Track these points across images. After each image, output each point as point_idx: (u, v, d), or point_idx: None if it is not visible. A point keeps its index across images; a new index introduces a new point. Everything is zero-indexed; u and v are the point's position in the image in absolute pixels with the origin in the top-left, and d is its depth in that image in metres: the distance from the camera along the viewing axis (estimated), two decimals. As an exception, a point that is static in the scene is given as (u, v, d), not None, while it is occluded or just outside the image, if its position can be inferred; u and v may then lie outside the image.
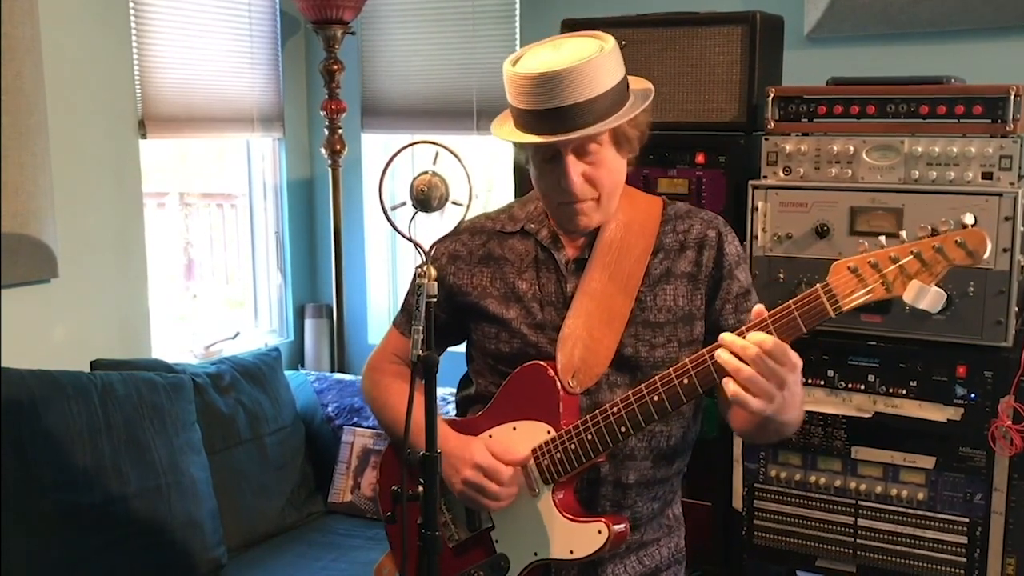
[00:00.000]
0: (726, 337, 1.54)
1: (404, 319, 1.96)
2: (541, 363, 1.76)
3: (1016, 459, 2.28)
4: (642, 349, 1.76)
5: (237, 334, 3.96)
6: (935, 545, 2.38)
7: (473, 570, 1.82)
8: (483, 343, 1.87)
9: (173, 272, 3.93)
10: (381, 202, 1.54)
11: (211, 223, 4.14)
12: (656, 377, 1.65)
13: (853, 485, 2.46)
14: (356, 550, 3.13)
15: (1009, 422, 2.26)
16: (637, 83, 1.76)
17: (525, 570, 1.78)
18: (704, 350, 1.61)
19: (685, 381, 1.62)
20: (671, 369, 1.64)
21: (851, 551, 2.47)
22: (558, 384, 1.74)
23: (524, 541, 1.78)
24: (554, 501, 1.75)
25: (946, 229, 1.49)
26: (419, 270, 1.54)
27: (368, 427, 3.46)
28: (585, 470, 1.74)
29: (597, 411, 1.70)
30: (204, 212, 4.13)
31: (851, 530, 2.47)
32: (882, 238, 1.54)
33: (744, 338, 1.52)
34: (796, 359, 1.53)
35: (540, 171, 1.74)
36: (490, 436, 1.81)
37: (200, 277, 4.09)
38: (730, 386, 1.52)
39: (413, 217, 1.54)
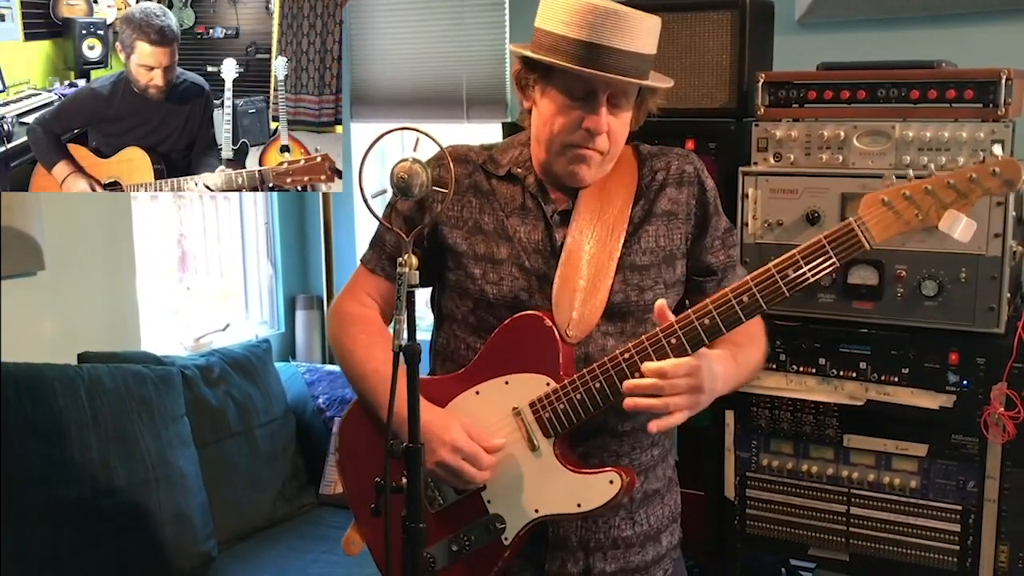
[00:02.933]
0: (628, 386, 1.60)
1: (373, 255, 1.89)
2: (536, 313, 1.70)
3: (1008, 446, 2.27)
4: (632, 294, 1.74)
5: (227, 326, 3.94)
6: (928, 533, 2.37)
7: (462, 533, 1.74)
8: (464, 284, 1.78)
9: (166, 264, 3.91)
10: (361, 190, 1.52)
11: (204, 215, 4.11)
12: (673, 321, 1.62)
13: (845, 473, 2.44)
14: (347, 542, 3.11)
15: (1001, 409, 2.25)
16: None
17: (524, 529, 1.72)
18: (728, 288, 1.61)
19: (707, 321, 1.60)
20: (690, 311, 1.62)
21: (844, 539, 2.46)
22: (556, 334, 1.69)
23: (522, 499, 1.71)
24: (557, 455, 1.69)
25: (976, 161, 1.53)
26: (402, 259, 1.52)
27: (359, 418, 3.44)
28: (588, 421, 1.69)
29: (607, 358, 1.65)
30: (197, 204, 4.10)
31: (844, 518, 2.45)
32: (910, 172, 1.57)
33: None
34: (688, 364, 1.59)
35: (562, 108, 1.67)
36: (477, 393, 1.74)
37: (193, 270, 4.06)
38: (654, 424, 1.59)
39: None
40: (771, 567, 2.85)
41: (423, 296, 1.91)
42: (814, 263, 1.57)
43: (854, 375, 2.42)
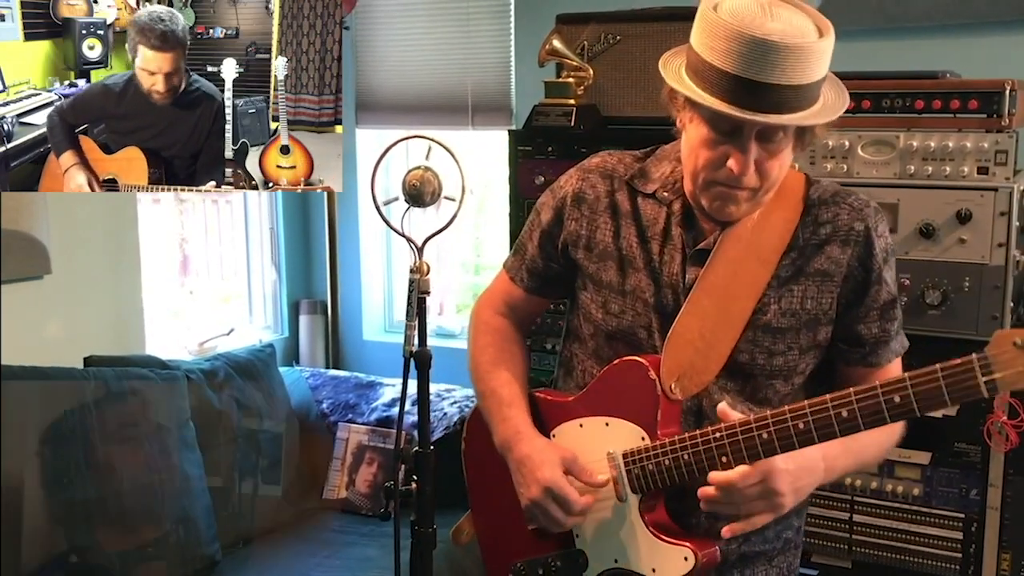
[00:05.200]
0: (715, 478, 1.48)
1: (516, 263, 1.80)
2: (642, 361, 1.60)
3: (1011, 454, 2.28)
4: (759, 357, 1.59)
5: (231, 330, 3.95)
6: (930, 540, 2.38)
7: (550, 558, 1.72)
8: (588, 307, 1.69)
9: (168, 268, 3.92)
10: (374, 197, 1.53)
11: (206, 218, 4.13)
12: (768, 413, 1.48)
13: (848, 481, 2.45)
14: (350, 546, 3.12)
15: (1004, 417, 2.26)
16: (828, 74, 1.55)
17: (605, 573, 1.67)
18: (828, 396, 1.44)
19: (800, 426, 1.44)
20: (786, 408, 1.47)
21: (847, 547, 2.47)
22: (658, 388, 1.59)
23: (605, 545, 1.67)
24: (641, 513, 1.62)
25: None
26: (414, 266, 1.54)
27: (362, 423, 3.45)
28: (676, 487, 1.59)
29: (698, 432, 1.53)
30: (199, 207, 4.11)
31: (846, 526, 2.46)
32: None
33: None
34: (760, 471, 1.46)
35: (706, 141, 1.50)
36: (580, 425, 1.69)
37: (195, 273, 4.07)
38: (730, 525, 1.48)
39: (406, 212, 1.54)
40: (773, 574, 2.85)
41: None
42: (924, 397, 1.36)
43: (857, 383, 2.43)
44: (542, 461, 1.62)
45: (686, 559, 1.56)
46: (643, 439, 1.60)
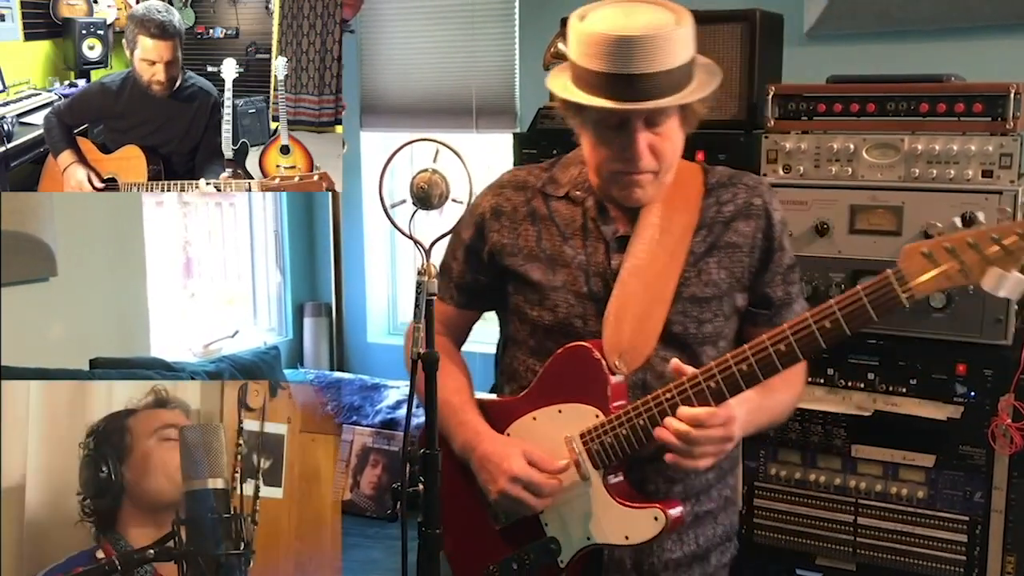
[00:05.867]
0: (669, 426, 1.59)
1: (442, 283, 1.88)
2: (585, 344, 1.70)
3: (1016, 457, 2.28)
4: (690, 326, 1.73)
5: (236, 332, 3.95)
6: (935, 543, 2.38)
7: (522, 553, 1.76)
8: (523, 309, 1.81)
9: (172, 270, 3.92)
10: (381, 200, 1.53)
11: (210, 220, 4.13)
12: (712, 363, 1.61)
13: (853, 483, 2.45)
14: (354, 548, 3.12)
15: (1009, 420, 2.26)
16: (699, 58, 1.69)
17: (578, 554, 1.74)
18: (765, 336, 1.58)
19: (744, 368, 1.58)
20: (728, 355, 1.60)
21: (851, 549, 2.47)
22: (604, 366, 1.69)
23: (576, 526, 1.73)
24: (606, 486, 1.70)
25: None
26: (421, 268, 1.54)
27: (367, 426, 3.46)
28: (636, 454, 1.69)
29: (649, 396, 1.65)
30: (203, 209, 4.12)
31: (851, 528, 2.46)
32: (956, 220, 1.51)
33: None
34: (725, 415, 1.59)
35: (600, 138, 1.66)
36: (534, 419, 1.76)
37: (199, 275, 4.08)
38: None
39: (413, 215, 1.54)
40: (777, 576, 2.85)
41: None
42: (852, 317, 1.52)
43: (862, 385, 2.43)
44: (506, 454, 1.71)
45: (656, 519, 1.66)
46: (597, 416, 1.69)
